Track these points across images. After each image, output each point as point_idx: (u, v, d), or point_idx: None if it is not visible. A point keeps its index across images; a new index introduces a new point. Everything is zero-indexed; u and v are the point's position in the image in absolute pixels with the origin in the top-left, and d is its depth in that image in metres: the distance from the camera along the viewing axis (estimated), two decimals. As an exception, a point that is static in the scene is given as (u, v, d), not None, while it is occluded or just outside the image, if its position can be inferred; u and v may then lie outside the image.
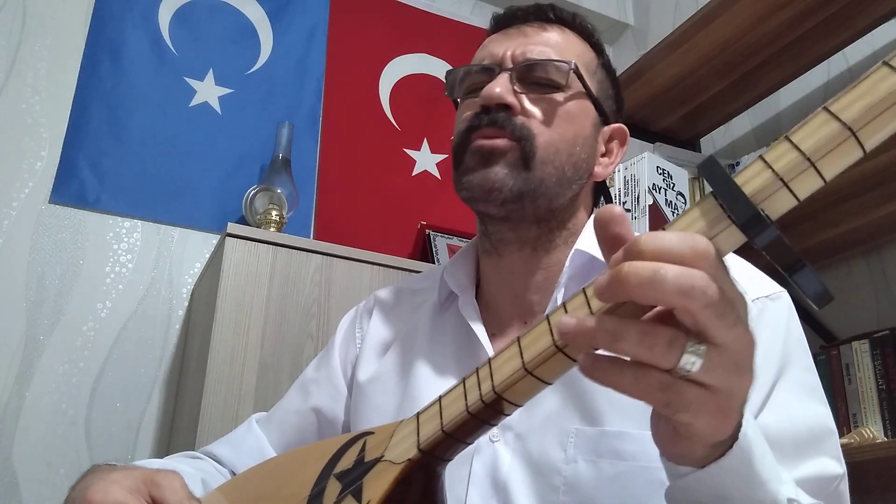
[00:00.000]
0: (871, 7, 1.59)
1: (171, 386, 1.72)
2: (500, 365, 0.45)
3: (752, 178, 0.40)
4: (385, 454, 0.51)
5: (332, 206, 2.00)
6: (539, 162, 0.76)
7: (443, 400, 0.49)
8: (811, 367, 0.72)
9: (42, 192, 1.73)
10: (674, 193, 1.89)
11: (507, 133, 0.76)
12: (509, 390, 0.44)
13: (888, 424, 1.36)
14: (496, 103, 0.77)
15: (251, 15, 2.09)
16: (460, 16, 2.39)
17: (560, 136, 0.78)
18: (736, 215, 0.39)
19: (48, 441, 1.58)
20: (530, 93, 0.79)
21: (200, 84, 1.96)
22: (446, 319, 0.85)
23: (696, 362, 0.38)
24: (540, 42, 0.82)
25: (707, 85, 1.90)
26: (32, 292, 1.66)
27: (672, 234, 0.39)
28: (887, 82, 0.38)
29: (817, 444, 0.66)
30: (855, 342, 1.45)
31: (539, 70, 0.80)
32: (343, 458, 0.55)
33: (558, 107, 0.79)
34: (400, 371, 0.82)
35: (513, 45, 0.82)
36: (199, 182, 1.87)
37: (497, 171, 0.76)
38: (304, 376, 0.94)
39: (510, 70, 0.80)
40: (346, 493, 0.51)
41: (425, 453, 0.49)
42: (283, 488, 0.58)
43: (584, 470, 0.67)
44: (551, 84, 0.80)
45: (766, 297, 0.73)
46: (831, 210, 1.51)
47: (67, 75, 1.83)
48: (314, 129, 2.06)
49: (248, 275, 1.49)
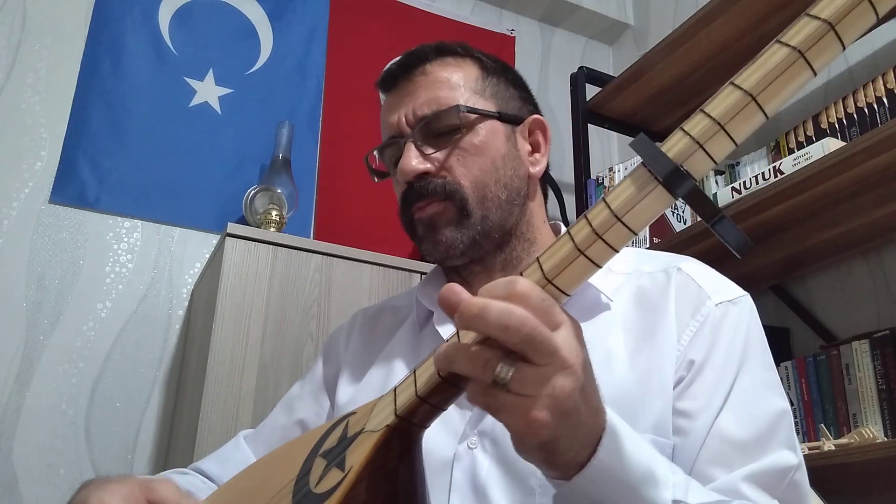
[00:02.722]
0: (871, 7, 1.59)
1: (171, 386, 1.72)
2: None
3: (673, 145, 0.47)
4: (366, 426, 0.54)
5: (332, 206, 2.00)
6: (474, 205, 0.81)
7: (416, 371, 0.53)
8: (770, 365, 0.76)
9: (42, 192, 1.73)
10: (674, 193, 1.89)
11: (436, 198, 0.81)
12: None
13: (888, 424, 1.36)
14: (415, 176, 0.81)
15: (251, 15, 2.09)
16: (460, 16, 2.39)
17: (481, 171, 0.82)
18: (660, 174, 0.46)
19: (48, 441, 1.58)
20: (437, 147, 0.82)
21: (200, 84, 1.96)
22: (425, 336, 0.88)
23: (506, 376, 0.46)
24: (422, 94, 0.84)
25: (707, 85, 1.90)
26: (32, 292, 1.66)
27: (498, 283, 0.48)
28: (777, 55, 0.45)
29: (775, 437, 0.69)
30: (855, 342, 1.45)
31: (434, 122, 0.82)
32: (328, 439, 0.58)
33: (467, 146, 0.82)
34: (379, 389, 0.84)
35: (402, 109, 0.85)
36: (199, 182, 1.87)
37: (444, 234, 0.81)
38: (290, 394, 0.97)
39: (410, 136, 0.83)
40: (330, 466, 0.54)
41: (402, 419, 0.53)
42: (269, 480, 0.61)
43: None
44: (451, 129, 0.82)
45: (729, 302, 0.77)
46: (831, 210, 1.51)
47: (67, 75, 1.83)
48: (314, 129, 2.06)
49: (248, 275, 1.49)
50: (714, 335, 0.73)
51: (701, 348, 0.72)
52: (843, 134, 1.57)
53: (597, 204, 0.49)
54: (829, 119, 1.62)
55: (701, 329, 0.74)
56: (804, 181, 1.43)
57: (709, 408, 0.69)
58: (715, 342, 0.73)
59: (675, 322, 0.74)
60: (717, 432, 0.68)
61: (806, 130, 1.67)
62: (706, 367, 0.72)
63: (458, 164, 0.82)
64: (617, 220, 0.47)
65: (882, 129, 1.30)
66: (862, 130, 1.53)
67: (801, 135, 1.67)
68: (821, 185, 1.44)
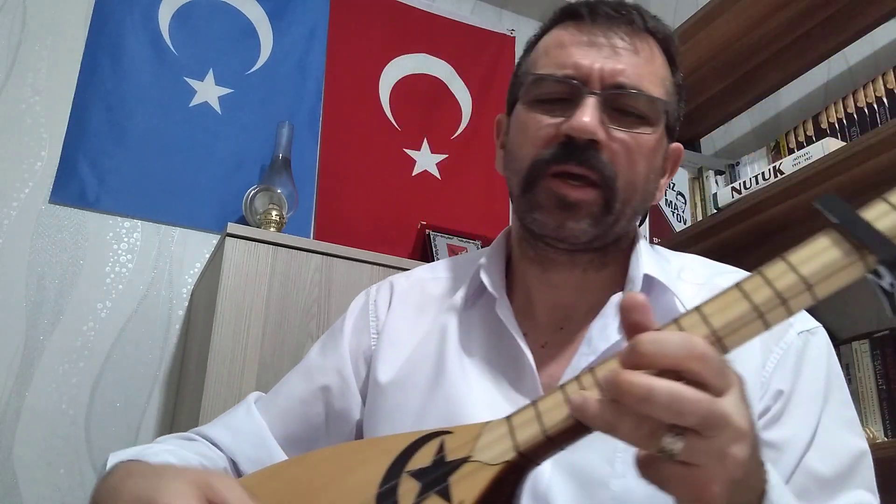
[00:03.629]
0: (871, 7, 1.59)
1: (171, 386, 1.72)
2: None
3: (879, 217, 0.44)
4: (473, 455, 0.51)
5: (332, 206, 2.00)
6: (619, 205, 0.73)
7: (539, 405, 0.50)
8: (849, 402, 0.74)
9: (42, 192, 1.73)
10: (674, 193, 1.89)
11: (594, 173, 0.72)
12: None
13: (888, 424, 1.36)
14: (585, 138, 0.71)
15: (251, 15, 2.09)
16: (460, 16, 2.39)
17: (638, 175, 0.75)
18: (879, 253, 0.44)
19: (48, 441, 1.58)
20: (617, 124, 0.73)
21: (200, 84, 1.96)
22: (473, 317, 0.81)
23: (674, 449, 0.43)
24: (632, 63, 0.74)
25: (707, 85, 1.90)
26: (32, 292, 1.66)
27: (672, 337, 0.44)
28: None
29: (855, 477, 0.68)
30: (855, 342, 1.45)
31: (629, 99, 0.73)
32: (415, 456, 0.54)
33: (644, 145, 0.74)
34: (429, 372, 0.79)
35: (601, 59, 0.74)
36: (199, 182, 1.87)
37: (580, 222, 0.72)
38: (310, 362, 0.88)
39: (598, 93, 0.72)
40: (429, 493, 0.51)
41: (523, 456, 0.49)
42: (338, 483, 0.57)
43: (635, 486, 0.64)
44: (640, 116, 0.74)
45: (808, 332, 0.74)
46: (831, 210, 1.50)
47: (67, 75, 1.83)
48: (314, 129, 2.06)
49: (248, 275, 1.49)
50: (798, 365, 0.71)
51: (786, 378, 0.70)
52: (843, 134, 1.57)
53: (775, 263, 0.46)
54: (830, 119, 1.62)
55: (785, 357, 0.71)
56: (804, 181, 1.43)
57: (796, 441, 0.68)
58: (799, 373, 0.71)
59: (760, 346, 0.71)
60: (804, 468, 0.67)
61: (806, 130, 1.67)
62: (793, 398, 0.70)
63: (627, 155, 0.73)
64: (807, 288, 0.45)
65: (882, 129, 1.30)
66: (862, 130, 1.53)
67: (801, 135, 1.67)
68: (821, 185, 1.44)
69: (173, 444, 0.81)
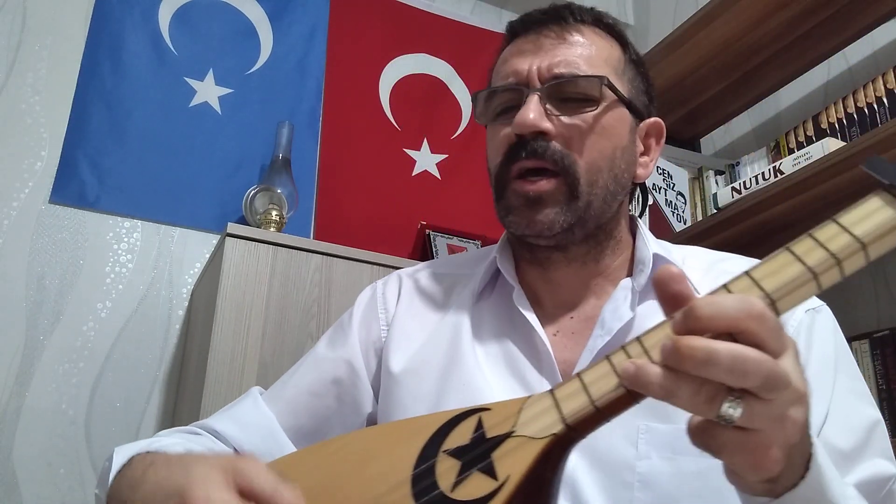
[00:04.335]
0: (871, 7, 1.59)
1: (171, 386, 1.72)
2: (653, 345, 0.47)
3: None
4: (517, 430, 0.50)
5: (332, 206, 2.00)
6: (584, 187, 0.75)
7: (584, 377, 0.49)
8: (859, 374, 0.75)
9: (42, 192, 1.73)
10: (674, 193, 1.89)
11: (548, 163, 0.74)
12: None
13: (888, 424, 1.36)
14: (531, 132, 0.74)
15: (251, 15, 2.09)
16: (460, 16, 2.39)
17: (600, 154, 0.76)
18: None
19: (48, 441, 1.58)
20: (563, 112, 0.76)
21: (200, 84, 1.96)
22: (483, 308, 0.83)
23: (735, 414, 0.42)
24: (565, 53, 0.77)
25: (707, 85, 1.90)
26: (32, 292, 1.66)
27: (728, 299, 0.43)
28: None
29: (871, 446, 0.69)
30: (855, 342, 1.45)
31: (569, 86, 0.76)
32: (451, 435, 0.52)
33: (595, 123, 0.76)
34: (442, 359, 0.79)
35: (536, 59, 0.78)
36: (199, 182, 1.87)
37: (546, 213, 0.75)
38: (318, 355, 0.88)
39: (538, 90, 0.76)
40: (471, 470, 0.49)
41: (570, 428, 0.48)
42: (369, 465, 0.55)
43: (660, 466, 0.66)
44: (584, 98, 0.76)
45: (814, 310, 0.76)
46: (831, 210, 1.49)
47: (67, 75, 1.83)
48: (314, 129, 2.06)
49: (248, 275, 1.49)
50: (808, 341, 0.73)
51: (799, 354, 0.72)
52: (843, 134, 1.57)
53: (826, 225, 0.46)
54: (829, 119, 1.62)
55: (796, 335, 0.72)
56: (804, 181, 1.43)
57: (813, 416, 0.69)
58: (809, 349, 0.72)
59: None
60: (823, 442, 0.67)
61: (806, 130, 1.67)
62: (806, 374, 0.71)
63: (580, 138, 0.75)
64: (861, 248, 0.44)
65: (882, 129, 1.30)
66: (862, 130, 1.53)
67: (801, 135, 1.67)
68: (821, 185, 1.44)
69: (179, 437, 0.79)
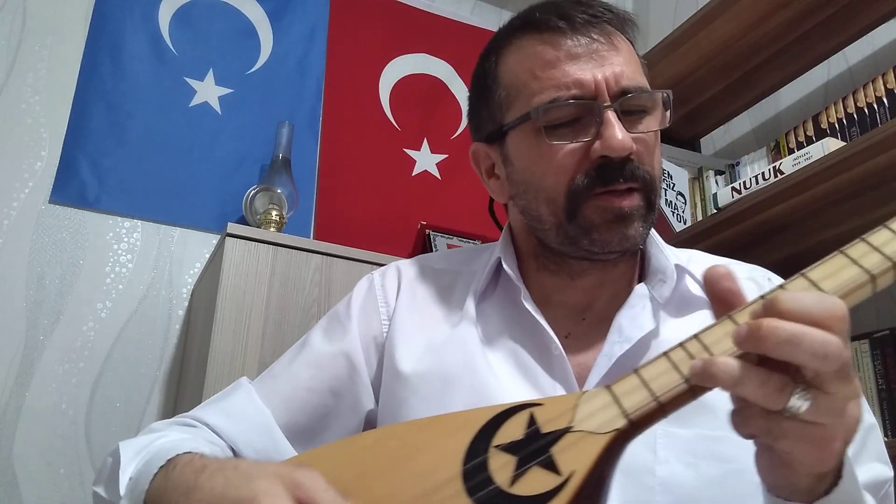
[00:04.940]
0: (871, 7, 1.59)
1: (171, 386, 1.72)
2: (714, 342, 0.48)
3: None
4: (575, 425, 0.50)
5: (332, 206, 2.00)
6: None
7: (642, 373, 0.49)
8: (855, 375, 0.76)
9: (42, 192, 1.73)
10: (674, 193, 1.89)
11: (637, 185, 0.73)
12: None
13: (888, 424, 1.36)
14: (627, 154, 0.72)
15: (251, 15, 2.09)
16: (460, 16, 2.39)
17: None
18: None
19: (48, 441, 1.58)
20: (629, 126, 0.74)
21: (200, 84, 1.96)
22: (488, 308, 0.81)
23: (802, 406, 0.43)
24: (621, 62, 0.75)
25: (707, 85, 1.90)
26: (32, 292, 1.66)
27: (812, 297, 0.45)
28: None
29: (868, 451, 0.69)
30: (855, 342, 1.44)
31: (634, 99, 0.74)
32: (501, 430, 0.52)
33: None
34: (453, 361, 0.78)
35: (598, 69, 0.73)
36: (199, 182, 1.87)
37: (636, 227, 0.74)
38: (314, 347, 0.84)
39: (612, 106, 0.73)
40: (530, 465, 0.49)
41: (633, 424, 0.48)
42: (411, 462, 0.53)
43: (680, 471, 0.66)
44: (643, 110, 0.76)
45: None
46: (831, 210, 1.51)
47: (67, 75, 1.83)
48: (314, 129, 2.06)
49: (248, 275, 1.49)
50: None
51: None
52: (843, 134, 1.57)
53: (878, 231, 0.48)
54: (829, 119, 1.62)
55: None
56: (804, 181, 1.43)
57: None
58: None
59: None
60: None
61: (806, 130, 1.67)
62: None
63: (648, 152, 0.75)
64: None
65: (882, 129, 1.30)
66: (862, 130, 1.53)
67: (801, 135, 1.67)
68: (821, 185, 1.43)
69: (179, 432, 0.77)
